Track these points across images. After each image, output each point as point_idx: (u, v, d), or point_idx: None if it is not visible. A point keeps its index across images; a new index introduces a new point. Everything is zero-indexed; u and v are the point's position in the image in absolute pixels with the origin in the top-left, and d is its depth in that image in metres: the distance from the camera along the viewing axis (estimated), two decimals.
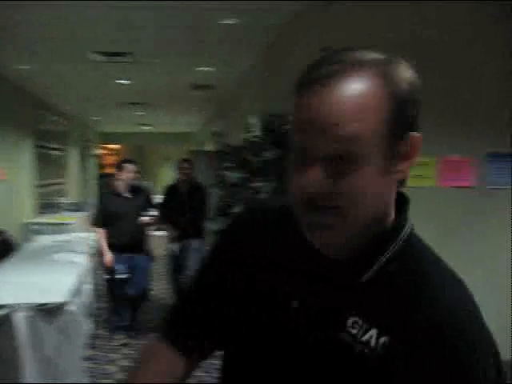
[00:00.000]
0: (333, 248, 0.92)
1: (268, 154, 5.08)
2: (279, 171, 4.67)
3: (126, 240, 5.49)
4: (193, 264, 5.91)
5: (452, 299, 0.87)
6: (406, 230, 0.94)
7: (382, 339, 0.87)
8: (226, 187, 7.43)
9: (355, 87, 0.83)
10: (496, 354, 0.87)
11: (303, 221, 0.90)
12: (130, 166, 5.63)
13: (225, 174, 7.50)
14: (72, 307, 4.30)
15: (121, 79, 8.75)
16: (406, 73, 0.88)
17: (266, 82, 6.80)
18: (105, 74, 8.14)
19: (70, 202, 11.16)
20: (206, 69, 7.76)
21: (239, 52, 6.71)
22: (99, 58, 6.83)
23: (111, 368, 5.01)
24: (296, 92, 0.88)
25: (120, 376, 4.73)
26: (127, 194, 5.63)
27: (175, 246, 6.11)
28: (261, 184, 5.29)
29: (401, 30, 3.95)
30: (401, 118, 0.86)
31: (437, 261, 0.94)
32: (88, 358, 5.07)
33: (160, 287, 7.36)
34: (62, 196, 11.63)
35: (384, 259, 0.91)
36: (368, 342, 0.88)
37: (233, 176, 6.97)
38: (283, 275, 0.98)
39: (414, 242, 0.94)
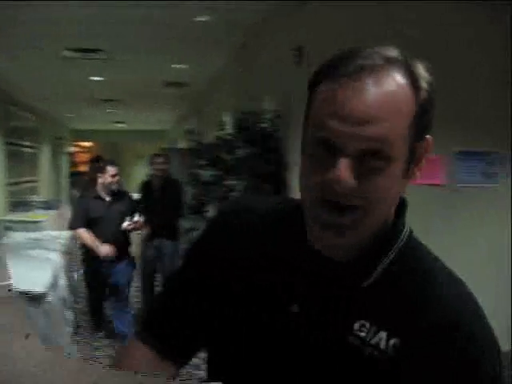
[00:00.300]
0: (342, 250, 0.90)
1: (241, 152, 5.08)
2: (252, 169, 4.68)
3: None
4: (167, 267, 5.85)
5: (454, 297, 0.88)
6: (406, 231, 0.94)
7: (392, 341, 0.86)
8: (198, 185, 7.42)
9: (387, 86, 0.81)
10: (499, 350, 0.88)
11: (315, 219, 0.86)
12: (112, 169, 5.23)
13: (198, 171, 7.48)
14: (51, 298, 4.27)
15: (94, 76, 8.68)
16: (424, 72, 0.86)
17: (239, 80, 6.81)
18: (78, 70, 8.05)
19: (41, 199, 11.02)
20: (179, 66, 7.74)
21: (212, 50, 6.71)
22: (72, 54, 6.77)
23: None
24: (317, 85, 0.85)
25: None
26: (108, 198, 5.28)
27: (149, 244, 6.02)
28: (234, 182, 5.28)
29: (373, 30, 3.98)
30: (422, 120, 0.85)
31: (435, 261, 0.94)
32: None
33: (137, 285, 7.28)
34: (33, 194, 11.49)
35: (387, 261, 0.90)
36: (377, 344, 0.86)
37: (206, 174, 6.96)
38: (280, 278, 0.93)
39: (413, 243, 0.95)
